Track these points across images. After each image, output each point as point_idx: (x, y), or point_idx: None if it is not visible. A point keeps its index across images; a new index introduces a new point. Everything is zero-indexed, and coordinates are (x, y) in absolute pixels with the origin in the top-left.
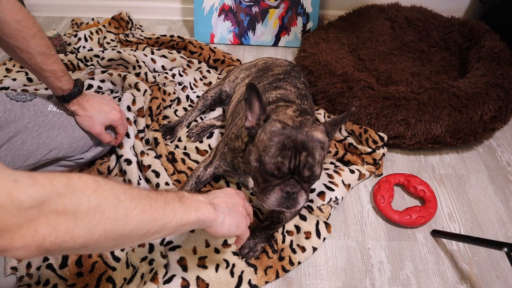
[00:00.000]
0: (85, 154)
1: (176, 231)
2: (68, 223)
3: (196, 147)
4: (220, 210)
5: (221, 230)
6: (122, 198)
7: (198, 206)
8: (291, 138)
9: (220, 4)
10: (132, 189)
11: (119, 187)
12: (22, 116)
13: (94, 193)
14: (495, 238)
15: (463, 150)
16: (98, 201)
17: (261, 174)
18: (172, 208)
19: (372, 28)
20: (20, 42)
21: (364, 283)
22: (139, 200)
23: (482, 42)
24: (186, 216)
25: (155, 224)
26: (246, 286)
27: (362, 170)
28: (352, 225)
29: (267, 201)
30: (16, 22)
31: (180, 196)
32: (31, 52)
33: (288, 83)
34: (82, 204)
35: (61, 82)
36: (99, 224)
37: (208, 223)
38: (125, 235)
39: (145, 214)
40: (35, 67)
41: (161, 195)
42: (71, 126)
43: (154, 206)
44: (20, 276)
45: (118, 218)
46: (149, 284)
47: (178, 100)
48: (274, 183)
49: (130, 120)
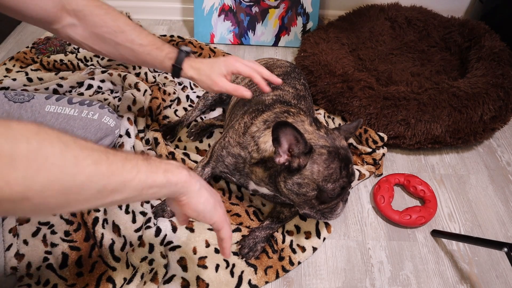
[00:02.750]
0: None
1: (142, 194)
2: (2, 166)
3: (196, 147)
4: (196, 178)
5: (196, 201)
6: (71, 145)
7: (168, 167)
8: (340, 158)
9: (220, 4)
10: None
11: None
12: (20, 117)
13: (35, 135)
14: (495, 238)
15: (463, 150)
16: (40, 144)
17: (322, 198)
18: (134, 164)
19: (372, 28)
20: (111, 26)
21: (364, 283)
22: (92, 150)
23: (482, 42)
24: (152, 176)
25: (112, 179)
26: (246, 286)
27: (362, 170)
28: (352, 225)
29: (332, 217)
30: (98, 7)
31: (146, 156)
32: (124, 31)
33: (286, 84)
34: (20, 147)
35: (163, 51)
36: (41, 170)
37: (181, 188)
38: (76, 188)
39: (100, 166)
40: (134, 46)
41: (121, 152)
42: (70, 126)
43: (112, 159)
44: (20, 276)
45: (65, 165)
46: (149, 284)
47: (178, 100)
48: (337, 200)
49: (131, 119)
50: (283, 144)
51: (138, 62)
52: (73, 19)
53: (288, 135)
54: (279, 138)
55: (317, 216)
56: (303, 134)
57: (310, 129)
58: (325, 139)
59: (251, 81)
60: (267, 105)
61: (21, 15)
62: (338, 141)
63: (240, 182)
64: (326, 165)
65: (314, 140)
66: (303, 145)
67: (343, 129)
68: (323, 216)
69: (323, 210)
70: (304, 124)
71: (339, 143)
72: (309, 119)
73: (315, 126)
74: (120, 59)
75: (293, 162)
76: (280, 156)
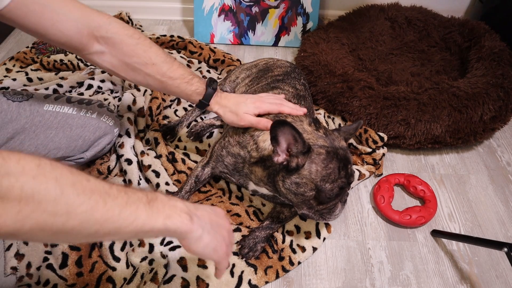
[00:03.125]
0: (85, 154)
1: (137, 236)
2: None
3: (196, 147)
4: (199, 224)
5: (196, 247)
6: (68, 191)
7: (170, 213)
8: (338, 158)
9: (220, 4)
10: (88, 181)
11: (69, 177)
12: (18, 116)
13: (31, 180)
14: (495, 238)
15: (463, 150)
16: (34, 190)
17: (320, 199)
18: (133, 210)
19: (372, 28)
20: (142, 57)
21: (364, 283)
22: (91, 195)
23: (482, 42)
24: (150, 222)
25: (105, 225)
26: (246, 286)
27: (362, 170)
28: (352, 225)
29: (331, 217)
30: (129, 37)
31: (151, 198)
32: (155, 63)
33: (286, 84)
34: (13, 190)
35: (193, 86)
36: (32, 216)
37: (180, 235)
38: (66, 232)
39: (94, 213)
40: (164, 78)
41: (125, 194)
42: (68, 125)
43: (110, 205)
44: (20, 276)
45: (57, 212)
46: (149, 284)
47: (178, 100)
48: (336, 200)
49: (131, 119)
50: (281, 143)
51: (165, 91)
52: (102, 47)
53: (286, 134)
54: (277, 136)
55: (316, 216)
56: (301, 134)
57: (309, 129)
58: (324, 139)
59: (251, 81)
60: None
61: (46, 39)
62: (337, 141)
63: (239, 183)
64: (325, 165)
65: (313, 140)
66: (301, 145)
67: (343, 130)
68: (321, 217)
69: (322, 210)
70: (303, 124)
71: (338, 143)
72: (308, 119)
73: (314, 126)
74: (146, 86)
75: (292, 162)
76: (279, 155)
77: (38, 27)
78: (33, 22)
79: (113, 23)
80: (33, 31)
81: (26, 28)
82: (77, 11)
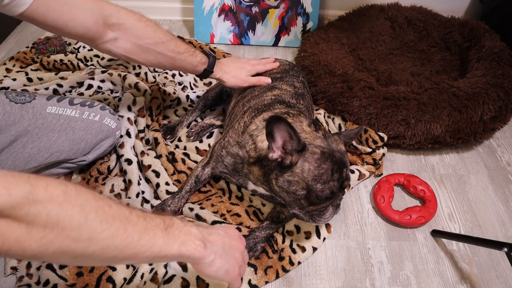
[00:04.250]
0: (87, 156)
1: (153, 261)
2: (19, 233)
3: (196, 147)
4: (212, 249)
5: (208, 271)
6: (91, 218)
7: (185, 239)
8: (333, 160)
9: (220, 4)
10: (110, 207)
11: (93, 204)
12: (21, 118)
13: (57, 207)
14: (495, 238)
15: (463, 150)
16: (60, 217)
17: (311, 199)
18: (151, 237)
19: (372, 28)
20: (152, 37)
21: (364, 283)
22: (113, 222)
23: (482, 42)
24: (166, 249)
25: (124, 251)
26: (246, 286)
27: (362, 170)
28: (352, 225)
29: (321, 220)
30: (138, 20)
31: (168, 224)
32: (164, 41)
33: (284, 82)
34: (40, 217)
35: (197, 57)
36: (55, 241)
37: (193, 260)
38: (86, 256)
39: (115, 239)
40: (173, 54)
41: (144, 220)
42: (71, 128)
43: (129, 231)
44: (20, 276)
45: (79, 239)
46: (149, 284)
47: (178, 100)
48: (327, 203)
49: (131, 119)
50: (276, 140)
51: (173, 67)
52: (115, 33)
53: (282, 130)
54: (273, 132)
55: (306, 217)
56: (296, 131)
57: (308, 130)
58: (321, 140)
59: None
60: (266, 105)
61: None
62: (336, 144)
63: (239, 183)
64: (318, 164)
65: (310, 140)
66: (296, 142)
67: (343, 134)
68: (311, 219)
69: (312, 212)
70: (303, 124)
71: (336, 146)
72: (308, 120)
73: (314, 127)
74: (156, 65)
75: (286, 159)
76: (274, 151)
77: (57, 22)
78: (54, 19)
79: (121, 10)
80: (52, 26)
81: (46, 25)
82: (91, 3)
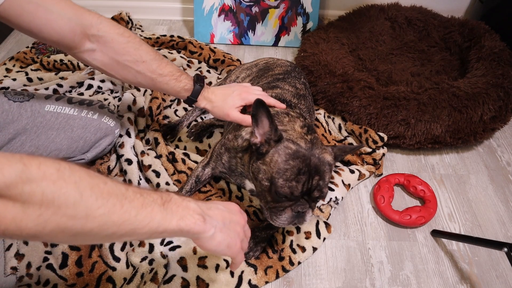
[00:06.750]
0: (86, 155)
1: (152, 236)
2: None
3: (196, 147)
4: (212, 223)
5: (209, 245)
6: (87, 194)
7: (184, 214)
8: (306, 162)
9: (220, 4)
10: (105, 183)
11: (87, 181)
12: (19, 117)
13: (52, 185)
14: (495, 238)
15: (463, 150)
16: (55, 194)
17: (272, 194)
18: (149, 212)
19: (372, 28)
20: (133, 54)
21: (364, 283)
22: (109, 198)
23: (482, 42)
24: (165, 224)
25: (122, 227)
26: (246, 286)
27: (362, 170)
28: (352, 225)
29: (277, 220)
30: (120, 35)
31: (166, 199)
32: (146, 60)
33: (286, 83)
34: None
35: (181, 82)
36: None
37: (193, 235)
38: (85, 233)
39: (112, 215)
40: (154, 75)
41: (141, 195)
42: (69, 126)
43: (126, 207)
44: (20, 276)
45: (76, 216)
46: (149, 284)
47: (178, 100)
48: (286, 204)
49: (131, 119)
50: (259, 125)
51: (154, 89)
52: (93, 45)
53: (263, 116)
54: (256, 116)
55: (266, 213)
56: (274, 120)
57: (298, 130)
58: (305, 142)
59: (251, 80)
60: None
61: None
62: (319, 151)
63: (237, 183)
64: (286, 159)
65: (292, 137)
66: (273, 132)
67: (338, 147)
68: (270, 216)
69: (272, 209)
70: (295, 124)
71: (319, 153)
72: (303, 123)
73: (306, 130)
74: (135, 84)
75: (263, 146)
76: (256, 137)
77: (32, 25)
78: (27, 21)
79: (104, 22)
80: (27, 29)
81: (20, 26)
82: (70, 10)
